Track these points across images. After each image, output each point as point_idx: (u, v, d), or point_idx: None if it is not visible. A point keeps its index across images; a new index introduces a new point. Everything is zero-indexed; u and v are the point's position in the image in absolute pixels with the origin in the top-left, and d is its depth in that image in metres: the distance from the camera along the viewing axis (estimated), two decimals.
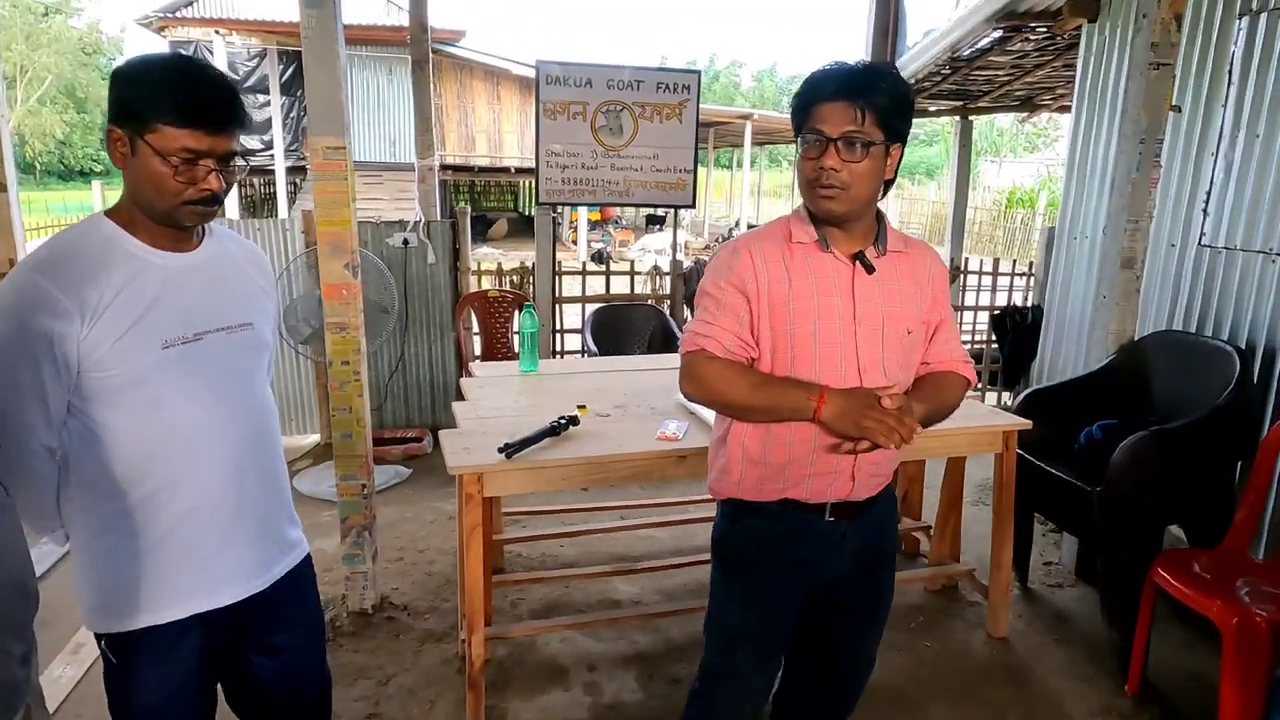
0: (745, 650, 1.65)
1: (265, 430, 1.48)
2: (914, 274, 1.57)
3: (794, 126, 1.50)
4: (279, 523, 1.53)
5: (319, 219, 2.66)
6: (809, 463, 1.52)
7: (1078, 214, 4.25)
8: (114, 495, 1.32)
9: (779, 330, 1.49)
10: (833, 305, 1.49)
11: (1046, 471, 2.89)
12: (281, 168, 13.30)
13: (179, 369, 1.32)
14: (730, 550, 1.66)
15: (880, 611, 1.73)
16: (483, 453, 2.27)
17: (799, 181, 1.50)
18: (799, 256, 1.50)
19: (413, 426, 4.88)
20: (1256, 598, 2.20)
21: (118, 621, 1.35)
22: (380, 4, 15.23)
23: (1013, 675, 2.67)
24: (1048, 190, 21.83)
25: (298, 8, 2.53)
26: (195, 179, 1.27)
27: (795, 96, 1.49)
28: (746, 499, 1.59)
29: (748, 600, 1.63)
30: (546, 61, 4.27)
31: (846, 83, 1.41)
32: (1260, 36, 3.07)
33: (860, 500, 1.58)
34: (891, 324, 1.52)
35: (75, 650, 2.68)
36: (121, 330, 1.26)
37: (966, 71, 5.64)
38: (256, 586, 1.46)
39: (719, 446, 1.63)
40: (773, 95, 46.89)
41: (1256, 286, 3.07)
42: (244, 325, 1.43)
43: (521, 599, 3.06)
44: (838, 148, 1.41)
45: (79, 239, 1.29)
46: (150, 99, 1.24)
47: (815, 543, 1.58)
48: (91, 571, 1.36)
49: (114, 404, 1.29)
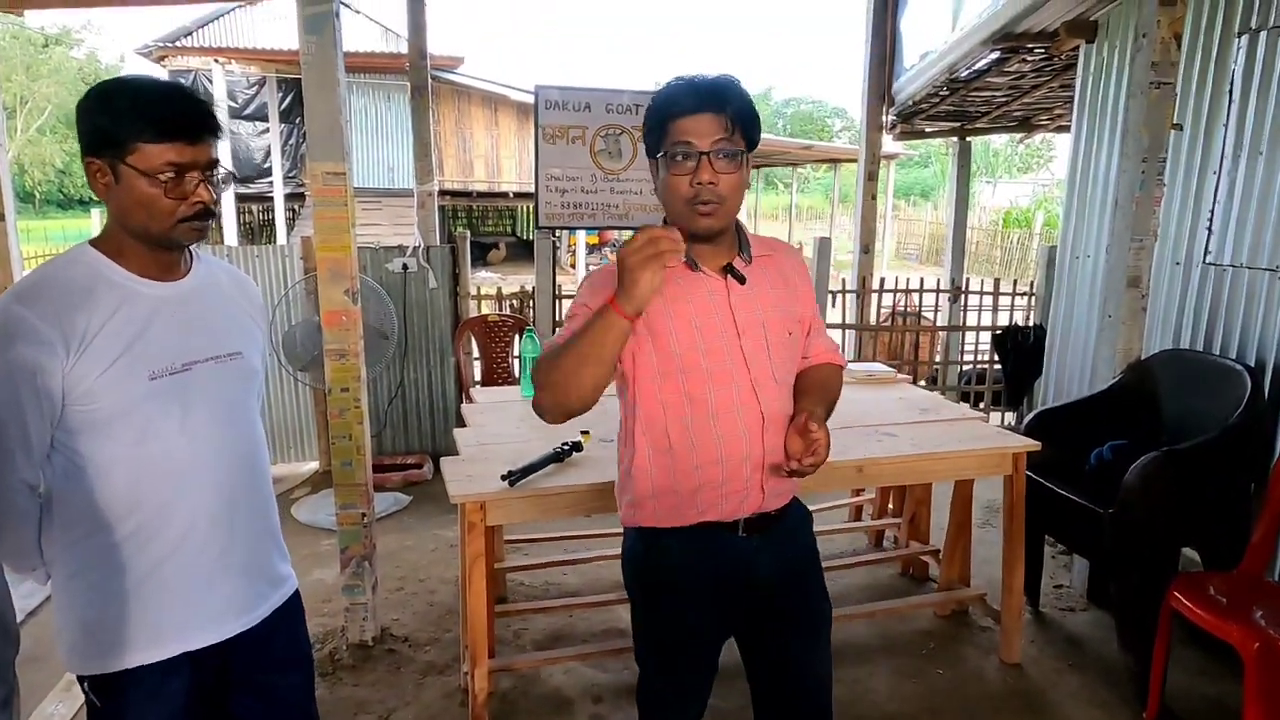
0: (679, 671, 1.63)
1: (255, 461, 1.44)
2: (782, 275, 1.58)
3: (652, 145, 1.44)
4: (270, 556, 1.48)
5: (318, 244, 2.64)
6: (720, 484, 1.51)
7: (1079, 233, 4.24)
8: (99, 530, 1.28)
9: (664, 356, 1.47)
10: (714, 323, 1.48)
11: (1057, 493, 2.85)
12: (280, 195, 13.33)
13: (167, 400, 1.29)
14: (646, 578, 1.62)
15: (819, 623, 1.69)
16: (485, 480, 2.23)
17: (669, 202, 1.44)
18: (670, 281, 1.45)
19: (412, 453, 4.83)
20: (1276, 622, 2.16)
21: (102, 662, 1.30)
22: (378, 32, 15.34)
23: (1028, 702, 2.62)
24: (1044, 210, 21.93)
25: (297, 36, 2.53)
26: (185, 194, 1.25)
27: (653, 112, 1.44)
28: (661, 526, 1.56)
29: (673, 622, 1.60)
30: (545, 86, 4.29)
31: (709, 94, 1.39)
32: (1260, 55, 3.07)
33: (771, 512, 1.57)
34: (773, 330, 1.52)
35: (68, 687, 2.62)
36: (108, 362, 1.23)
37: (964, 93, 5.66)
38: (247, 623, 1.42)
39: (625, 480, 1.59)
40: (769, 118, 47.27)
41: (1264, 304, 3.05)
42: (233, 354, 1.40)
43: (525, 629, 3.00)
44: (711, 161, 1.38)
45: (63, 269, 1.26)
46: (124, 121, 1.21)
47: (730, 559, 1.56)
48: (73, 611, 1.31)
49: (100, 437, 1.25)
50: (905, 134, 6.73)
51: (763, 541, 1.57)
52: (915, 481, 3.23)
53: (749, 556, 1.57)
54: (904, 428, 2.75)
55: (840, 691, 2.66)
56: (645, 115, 1.47)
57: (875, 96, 5.85)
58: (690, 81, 1.42)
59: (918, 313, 6.50)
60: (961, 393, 5.74)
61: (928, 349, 6.21)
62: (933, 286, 6.23)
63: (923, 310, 6.54)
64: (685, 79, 1.44)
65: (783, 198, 31.42)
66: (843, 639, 2.94)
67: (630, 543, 1.63)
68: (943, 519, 3.19)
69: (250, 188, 14.15)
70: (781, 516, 1.60)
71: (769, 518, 1.58)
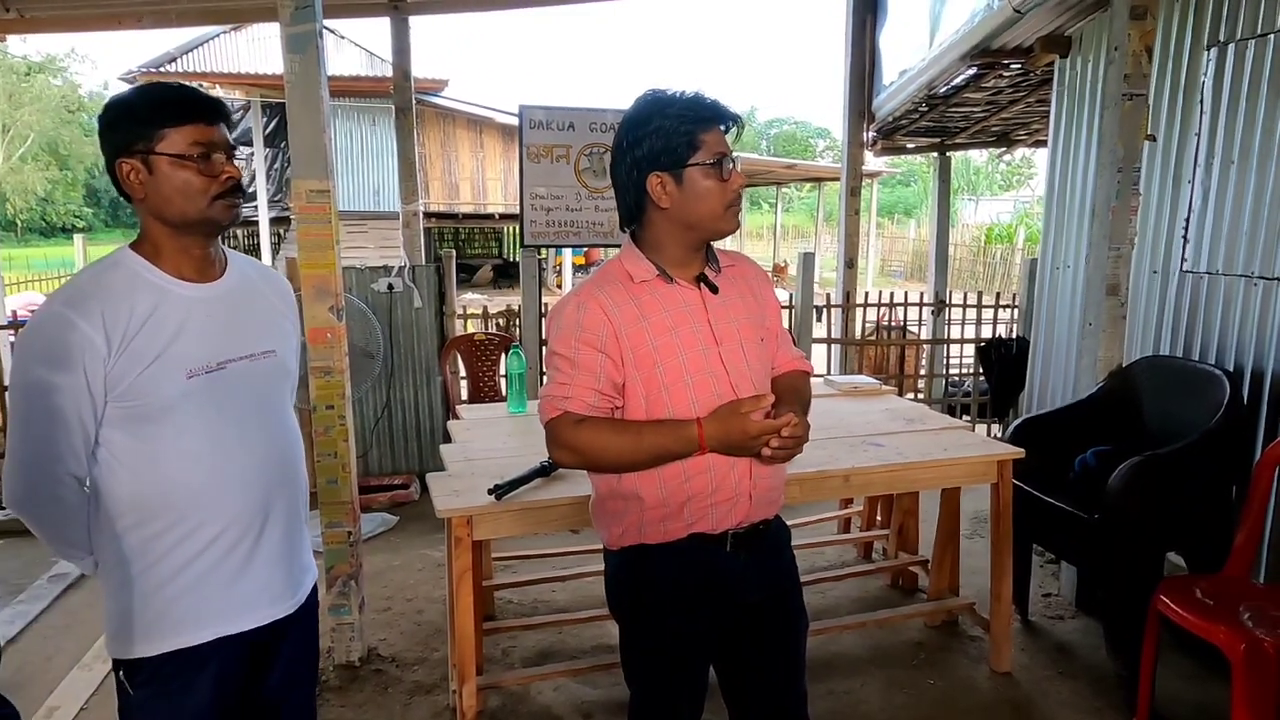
0: (669, 689, 1.63)
1: (290, 456, 1.50)
2: (748, 284, 1.63)
3: (675, 158, 1.45)
4: (300, 548, 1.54)
5: (302, 262, 2.64)
6: (709, 494, 1.52)
7: (1059, 245, 4.29)
8: (140, 523, 1.34)
9: (647, 372, 1.48)
10: (693, 334, 1.50)
11: (1042, 501, 2.86)
12: (265, 219, 13.34)
13: (204, 398, 1.35)
14: (633, 598, 1.62)
15: (800, 641, 1.71)
16: (472, 495, 2.22)
17: (703, 211, 1.47)
18: (646, 294, 1.50)
19: (399, 474, 4.80)
20: (1262, 622, 2.17)
21: (136, 647, 1.36)
22: (364, 56, 15.43)
23: (1019, 711, 2.62)
24: (1025, 225, 22.18)
25: (281, 58, 2.55)
26: (215, 171, 1.32)
27: (674, 124, 1.45)
28: (650, 543, 1.55)
29: (662, 639, 1.60)
30: (530, 106, 4.31)
31: (715, 107, 1.48)
32: (1229, 66, 3.14)
33: (758, 525, 1.59)
34: (747, 336, 1.56)
35: (49, 713, 2.58)
36: (147, 361, 1.29)
37: (943, 109, 5.74)
38: (281, 611, 1.48)
39: (609, 502, 1.58)
40: (752, 139, 47.69)
41: (1240, 310, 3.10)
42: (267, 353, 1.46)
43: (513, 646, 2.98)
44: (737, 166, 1.49)
45: (104, 272, 1.34)
46: (148, 114, 1.30)
47: (718, 577, 1.57)
48: (115, 599, 1.37)
49: (140, 433, 1.32)
50: (886, 149, 6.82)
51: (750, 560, 1.58)
52: (902, 490, 3.24)
53: (737, 576, 1.57)
54: (890, 437, 2.76)
55: (832, 704, 2.65)
56: (655, 129, 1.46)
57: (856, 113, 5.93)
58: (687, 97, 1.47)
59: (902, 327, 6.54)
60: (947, 405, 5.77)
61: (913, 363, 6.24)
62: (916, 300, 6.28)
63: (907, 324, 6.59)
64: (672, 94, 1.48)
65: (767, 217, 31.64)
66: (834, 651, 2.93)
67: (614, 565, 1.63)
68: (931, 530, 3.20)
69: None
70: (766, 532, 1.61)
71: (756, 531, 1.58)
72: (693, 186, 1.46)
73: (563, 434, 1.48)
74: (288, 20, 2.51)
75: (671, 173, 1.46)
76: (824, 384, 3.57)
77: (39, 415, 1.28)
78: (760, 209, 35.76)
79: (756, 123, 45.36)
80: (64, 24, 5.37)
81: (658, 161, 1.46)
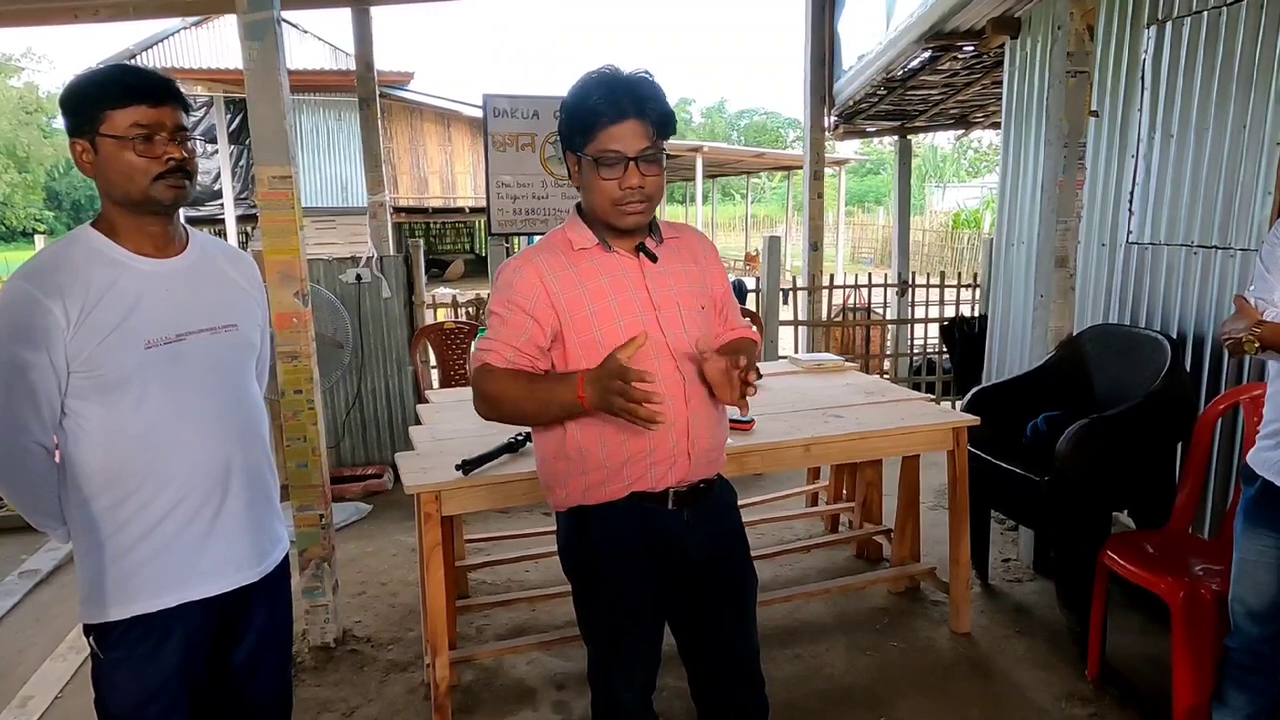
0: (622, 644, 1.69)
1: (252, 428, 1.54)
2: (691, 254, 1.67)
3: (575, 143, 1.48)
4: (266, 518, 1.57)
5: (266, 248, 2.66)
6: (647, 454, 1.57)
7: (1014, 222, 4.40)
8: (103, 490, 1.38)
9: (585, 337, 1.54)
10: (630, 300, 1.55)
11: (998, 466, 2.96)
12: (231, 216, 13.17)
13: (163, 368, 1.39)
14: (581, 558, 1.67)
15: (748, 596, 1.77)
16: (440, 471, 2.27)
17: (594, 201, 1.50)
18: (585, 262, 1.55)
19: (372, 463, 4.82)
20: (1201, 572, 2.27)
21: (105, 611, 1.40)
22: (327, 50, 15.27)
23: (977, 668, 2.71)
24: (991, 211, 22.47)
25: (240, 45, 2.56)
26: (155, 152, 1.35)
27: (576, 114, 1.47)
28: (590, 504, 1.61)
29: (613, 603, 1.66)
30: (493, 95, 4.33)
31: (632, 101, 1.44)
32: (1168, 44, 3.25)
33: (699, 484, 1.63)
34: (686, 304, 1.61)
35: (23, 704, 2.59)
36: (106, 331, 1.33)
37: (901, 92, 5.84)
38: (246, 579, 1.51)
39: (553, 463, 1.63)
40: (723, 130, 47.83)
41: (1181, 278, 3.21)
42: (228, 326, 1.50)
43: (487, 624, 3.03)
44: (639, 166, 1.46)
45: (64, 248, 1.38)
46: (93, 95, 1.35)
47: (662, 534, 1.62)
48: (84, 565, 1.42)
49: (103, 403, 1.36)
50: (848, 134, 6.92)
51: (694, 518, 1.63)
52: (862, 459, 3.32)
53: (681, 533, 1.63)
54: (851, 409, 2.84)
55: (799, 666, 2.73)
56: (565, 112, 1.50)
57: (817, 97, 6.01)
58: (610, 85, 1.46)
59: (867, 308, 6.65)
60: (912, 383, 5.88)
61: (878, 343, 6.35)
62: (881, 282, 6.39)
63: (872, 306, 6.70)
64: (605, 78, 1.47)
65: (739, 207, 31.75)
66: (800, 618, 3.02)
67: (564, 529, 1.68)
68: (893, 503, 3.28)
69: (201, 210, 13.94)
70: (709, 491, 1.67)
71: (697, 491, 1.63)
72: (586, 176, 1.50)
73: (476, 382, 1.55)
74: (245, 7, 2.53)
75: (575, 155, 1.51)
76: (789, 362, 3.65)
77: (2, 388, 1.32)
78: (732, 200, 35.87)
79: (727, 113, 45.45)
80: (19, 18, 5.28)
81: (571, 142, 1.51)
